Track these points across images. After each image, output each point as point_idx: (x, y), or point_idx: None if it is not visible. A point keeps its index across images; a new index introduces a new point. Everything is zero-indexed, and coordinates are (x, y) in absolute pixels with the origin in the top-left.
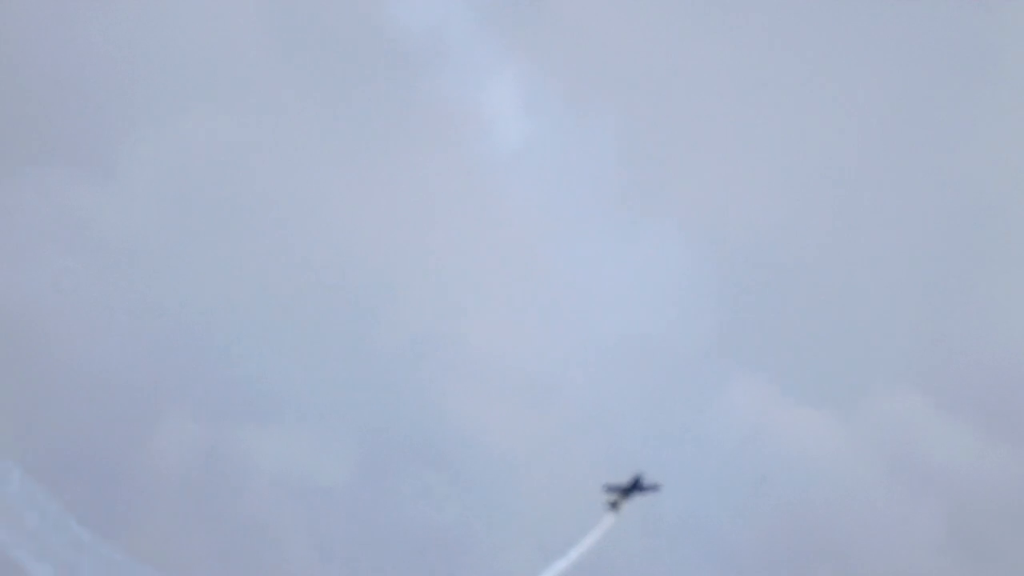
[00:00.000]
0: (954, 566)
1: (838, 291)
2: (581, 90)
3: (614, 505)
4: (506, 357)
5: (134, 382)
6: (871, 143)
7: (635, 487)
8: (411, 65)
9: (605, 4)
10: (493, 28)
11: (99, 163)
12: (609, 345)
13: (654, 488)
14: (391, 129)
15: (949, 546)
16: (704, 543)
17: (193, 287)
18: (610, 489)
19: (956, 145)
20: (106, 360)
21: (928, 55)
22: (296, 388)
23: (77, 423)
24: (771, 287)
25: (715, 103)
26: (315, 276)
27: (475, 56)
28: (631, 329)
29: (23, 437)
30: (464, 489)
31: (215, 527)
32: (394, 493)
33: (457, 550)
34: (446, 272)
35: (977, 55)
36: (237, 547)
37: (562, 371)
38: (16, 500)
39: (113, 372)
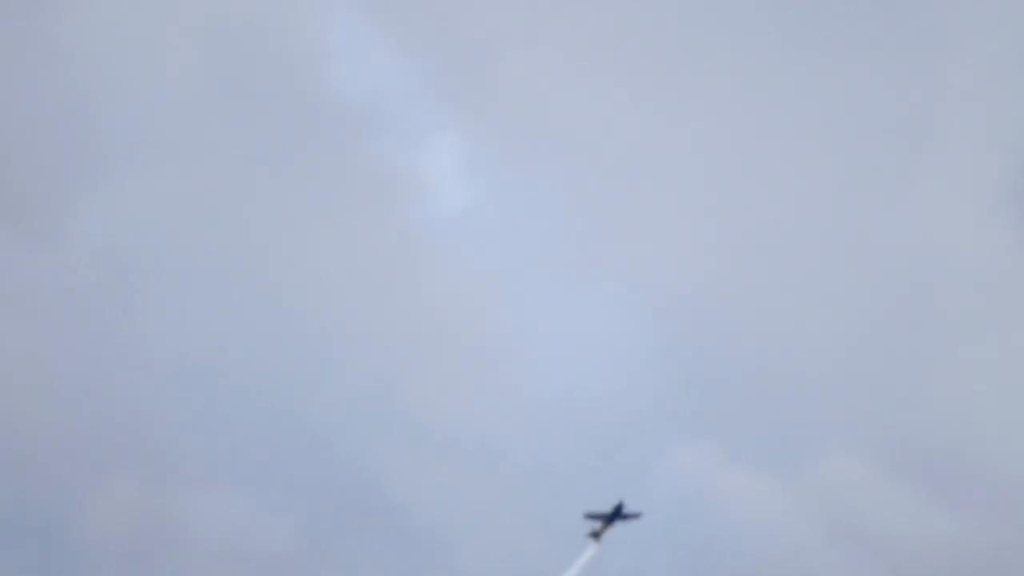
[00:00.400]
0: None
1: (782, 355)
2: (522, 153)
3: (596, 535)
4: (447, 421)
5: (75, 446)
6: (816, 207)
7: (617, 515)
8: (352, 129)
9: (546, 68)
10: (433, 92)
11: (39, 225)
12: (551, 409)
13: (635, 516)
14: (332, 192)
15: None
16: None
17: (133, 350)
18: (591, 517)
19: (899, 210)
20: (47, 424)
21: (869, 118)
22: (237, 452)
23: (16, 486)
24: (715, 351)
25: (657, 166)
26: (257, 339)
27: (415, 120)
28: (574, 392)
29: None
30: (405, 554)
31: None
32: (334, 558)
33: None
34: (387, 335)
35: (919, 120)
36: None
37: (503, 435)
38: None
39: (54, 436)
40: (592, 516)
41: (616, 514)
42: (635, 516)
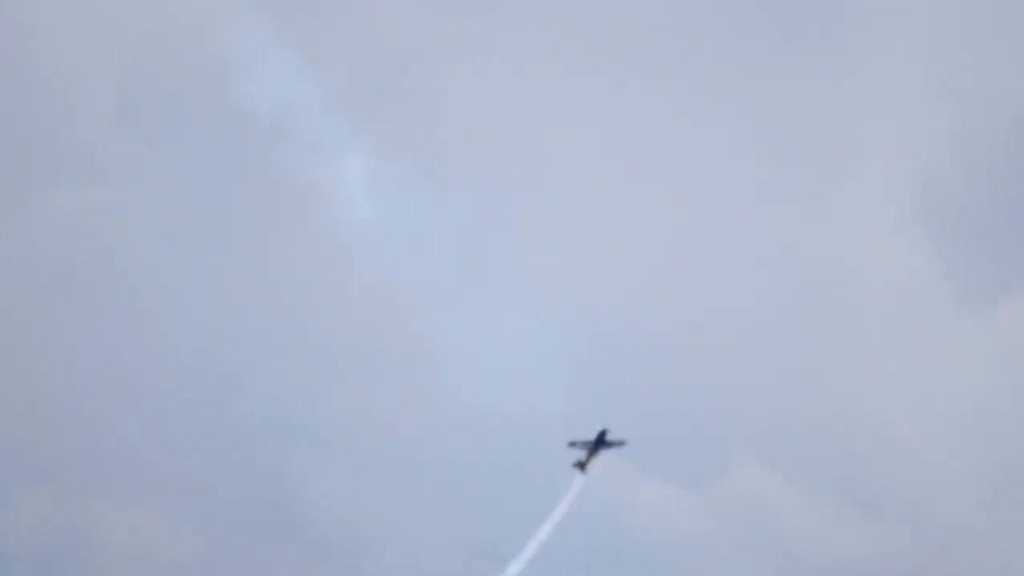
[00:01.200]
0: None
1: (694, 369)
2: (431, 165)
3: (581, 465)
4: (361, 431)
5: None
6: (727, 220)
7: (601, 442)
8: (262, 142)
9: (454, 81)
10: (343, 106)
11: None
12: (465, 419)
13: (620, 443)
14: (242, 204)
15: None
16: None
17: (48, 363)
18: (575, 445)
19: (811, 222)
20: None
21: (785, 133)
22: (149, 463)
23: None
24: (627, 364)
25: (567, 179)
26: (171, 350)
27: (325, 133)
28: (487, 404)
29: None
30: (319, 562)
31: None
32: (248, 567)
33: None
34: (300, 345)
35: (834, 135)
36: None
37: (418, 444)
38: None
39: None
40: (576, 444)
41: (600, 441)
42: (620, 444)
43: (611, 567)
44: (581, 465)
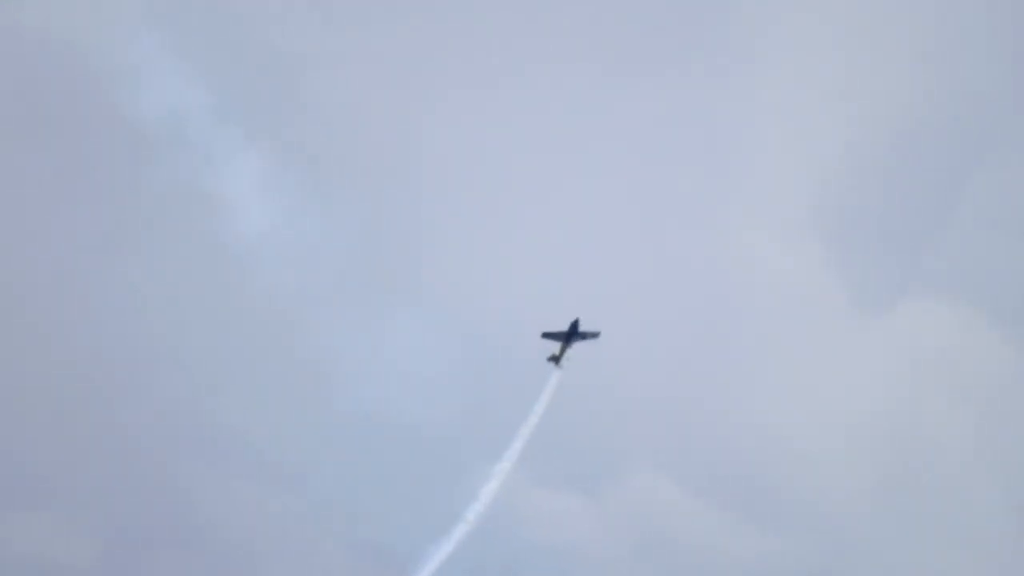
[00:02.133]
0: None
1: (585, 377)
2: (325, 174)
3: (555, 359)
4: (253, 439)
5: None
6: (625, 228)
7: (574, 333)
8: (153, 150)
9: (347, 88)
10: (234, 113)
11: None
12: (356, 428)
13: (594, 335)
14: (131, 214)
15: None
16: None
17: None
18: (548, 337)
19: (708, 231)
20: None
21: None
22: (42, 470)
23: None
24: (521, 374)
25: (461, 186)
26: (63, 358)
27: (217, 141)
28: (379, 413)
29: None
30: (211, 569)
31: None
32: (144, 573)
33: None
34: (192, 354)
35: (730, 143)
36: None
37: (310, 454)
38: None
39: None
40: (549, 335)
41: (573, 332)
42: (594, 335)
43: (506, 574)
44: (555, 359)
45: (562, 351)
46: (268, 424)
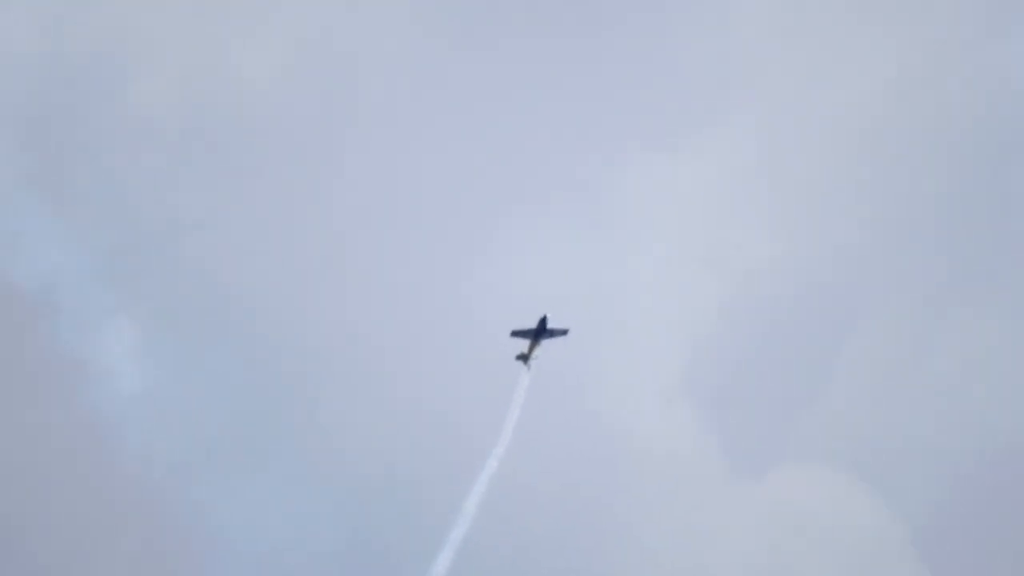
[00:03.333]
0: None
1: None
2: (201, 336)
3: (524, 357)
4: None
5: None
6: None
7: (543, 330)
8: (24, 314)
9: (221, 251)
10: (107, 276)
11: None
12: None
13: (562, 332)
14: (4, 381)
15: None
16: None
17: None
18: (517, 335)
19: (580, 402)
20: None
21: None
22: None
23: None
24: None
25: (337, 349)
26: None
27: (90, 304)
28: None
29: None
30: None
31: None
32: None
33: None
34: (63, 522)
35: (602, 311)
36: None
37: None
38: None
39: None
40: (518, 334)
41: (542, 329)
42: (562, 332)
43: None
44: (524, 357)
45: (531, 349)
46: None
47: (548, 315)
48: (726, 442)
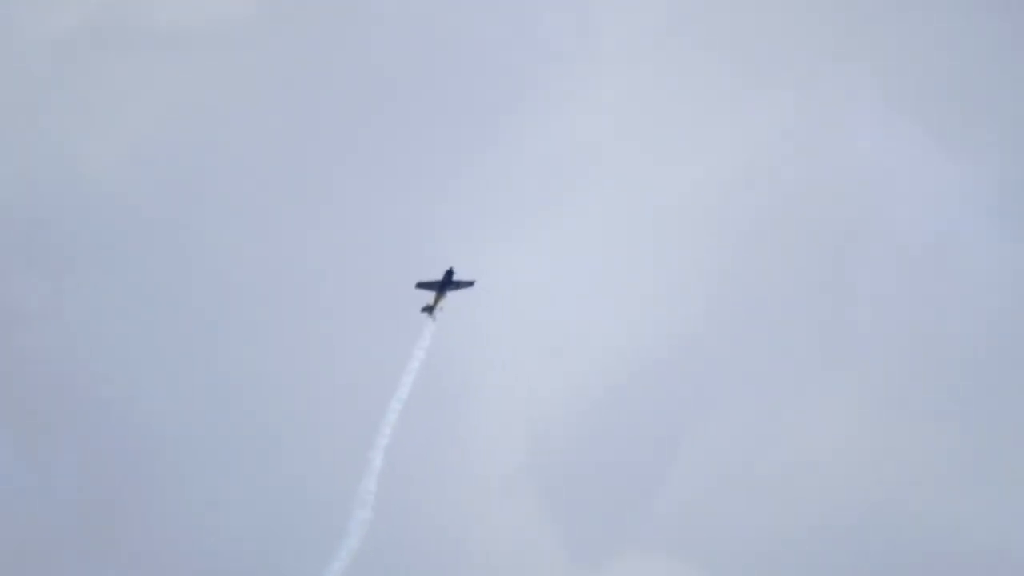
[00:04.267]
0: None
1: None
2: (34, 437)
3: (429, 309)
4: None
5: None
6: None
7: (448, 282)
8: None
9: (66, 344)
10: None
11: None
12: None
13: (468, 284)
14: None
15: None
16: None
17: None
18: (423, 287)
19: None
20: None
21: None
22: None
23: None
24: None
25: (183, 445)
26: None
27: None
28: None
29: None
30: None
31: None
32: None
33: None
34: None
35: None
36: None
37: None
38: None
39: None
40: (423, 285)
41: (448, 281)
42: (468, 284)
43: None
44: (429, 309)
45: (436, 301)
46: None
47: (454, 268)
48: (568, 534)
